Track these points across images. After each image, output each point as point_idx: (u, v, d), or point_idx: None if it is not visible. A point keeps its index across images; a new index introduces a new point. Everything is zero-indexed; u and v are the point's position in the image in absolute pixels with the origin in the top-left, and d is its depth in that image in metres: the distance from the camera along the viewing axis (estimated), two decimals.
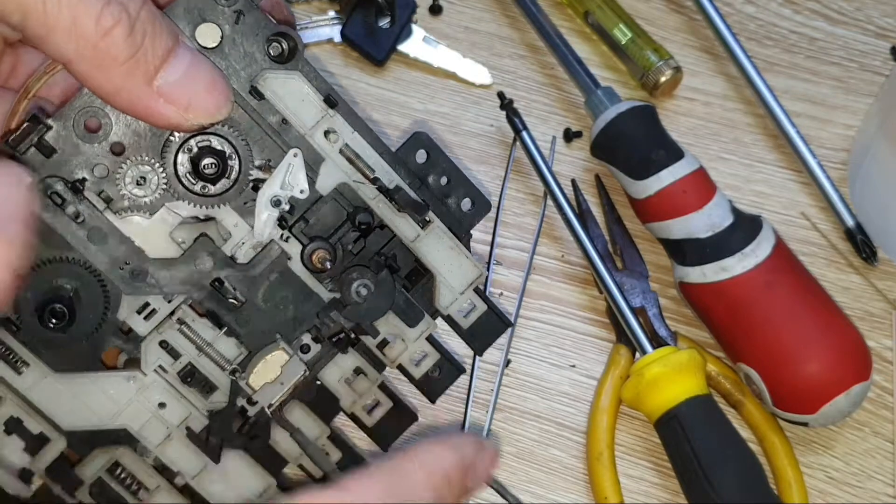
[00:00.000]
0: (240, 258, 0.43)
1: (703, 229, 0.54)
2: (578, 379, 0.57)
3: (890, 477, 0.54)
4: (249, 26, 0.40)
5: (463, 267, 0.46)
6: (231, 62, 0.41)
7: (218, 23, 0.40)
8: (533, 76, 0.65)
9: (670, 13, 0.67)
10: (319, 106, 0.42)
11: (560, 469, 0.55)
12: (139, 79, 0.36)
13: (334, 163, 0.43)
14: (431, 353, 0.47)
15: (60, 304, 0.40)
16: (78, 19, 0.34)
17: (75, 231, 0.41)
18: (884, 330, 0.58)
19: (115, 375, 0.43)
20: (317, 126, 0.42)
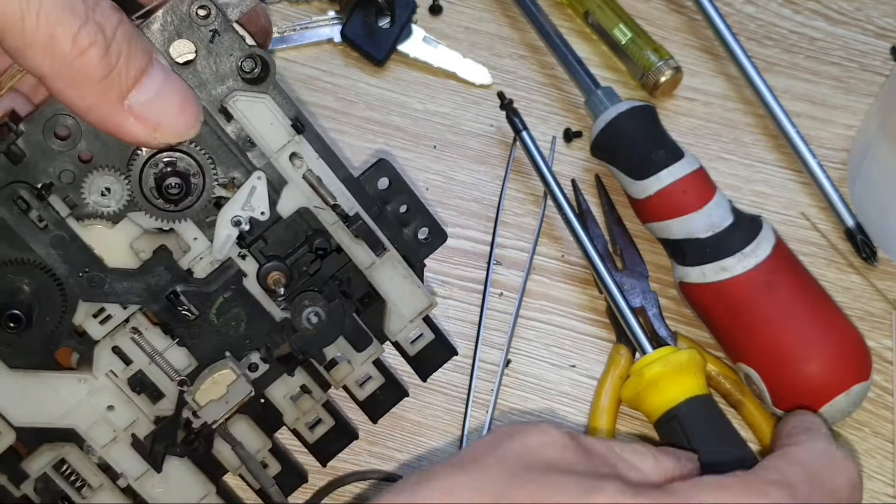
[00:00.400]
0: (197, 272, 0.44)
1: (703, 229, 0.54)
2: (578, 379, 0.57)
3: (890, 477, 0.54)
4: (224, 46, 0.40)
5: (414, 296, 0.47)
6: (203, 79, 0.41)
7: (193, 40, 0.40)
8: (533, 76, 0.65)
9: (670, 13, 0.67)
10: (287, 130, 0.42)
11: None
12: (111, 97, 0.37)
13: (297, 187, 0.43)
14: (377, 375, 0.49)
15: (18, 310, 0.41)
16: (55, 37, 0.34)
17: (37, 236, 0.41)
18: (884, 330, 0.58)
19: (67, 376, 0.44)
20: (283, 150, 0.43)
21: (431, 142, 0.63)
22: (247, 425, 0.47)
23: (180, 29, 0.40)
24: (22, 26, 0.34)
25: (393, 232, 0.46)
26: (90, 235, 0.42)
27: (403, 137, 0.63)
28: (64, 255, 0.42)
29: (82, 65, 0.35)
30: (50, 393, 0.43)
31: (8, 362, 0.42)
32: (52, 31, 0.34)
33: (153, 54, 0.38)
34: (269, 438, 0.48)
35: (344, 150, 0.62)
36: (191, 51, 0.40)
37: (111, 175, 0.41)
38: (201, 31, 0.40)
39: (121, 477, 0.46)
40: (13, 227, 0.41)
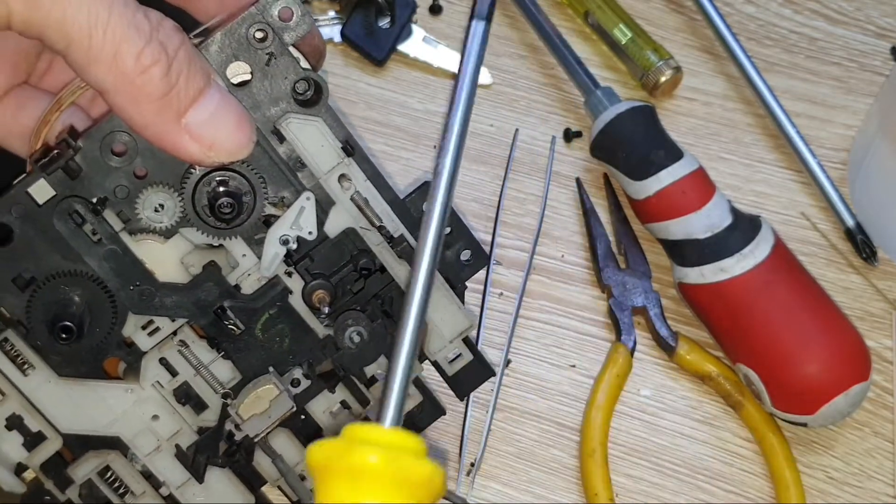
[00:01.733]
0: (244, 288, 0.44)
1: (702, 230, 0.54)
2: (578, 379, 0.57)
3: (890, 477, 0.54)
4: (279, 69, 0.41)
5: (455, 317, 0.47)
6: (257, 100, 0.41)
7: (249, 62, 0.41)
8: (533, 76, 0.65)
9: (670, 13, 0.67)
10: (337, 152, 0.43)
11: (560, 469, 0.55)
12: (169, 115, 0.37)
13: (344, 208, 0.44)
14: (415, 394, 0.49)
15: (71, 322, 0.41)
16: (119, 54, 0.35)
17: (91, 249, 0.42)
18: (884, 330, 0.58)
19: (115, 386, 0.44)
20: (332, 171, 0.43)
21: (431, 142, 0.63)
22: (287, 438, 0.48)
23: (237, 51, 0.40)
24: (89, 42, 0.35)
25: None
26: (142, 250, 0.43)
27: (403, 137, 0.63)
28: (116, 269, 0.42)
29: (144, 82, 0.36)
30: (97, 401, 0.44)
31: (57, 370, 0.43)
32: (118, 49, 0.35)
33: (211, 75, 0.39)
34: None
35: None
36: (246, 71, 0.41)
37: (165, 192, 0.42)
38: (258, 53, 0.40)
39: (163, 485, 0.46)
40: (68, 240, 0.41)
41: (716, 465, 0.55)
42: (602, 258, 0.58)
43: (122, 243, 0.42)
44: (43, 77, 0.45)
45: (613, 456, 0.55)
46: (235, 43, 0.40)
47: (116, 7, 0.35)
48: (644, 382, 0.57)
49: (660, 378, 0.57)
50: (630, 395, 0.56)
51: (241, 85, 0.41)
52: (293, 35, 0.41)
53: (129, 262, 0.42)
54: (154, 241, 0.43)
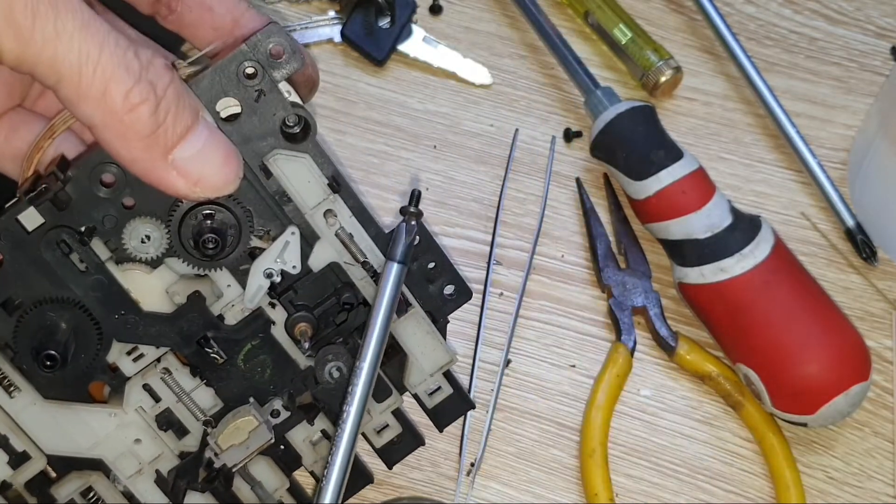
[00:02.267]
0: (228, 318, 0.45)
1: (702, 230, 0.54)
2: (578, 379, 0.57)
3: (890, 477, 0.54)
4: (268, 105, 0.41)
5: (436, 352, 0.48)
6: (246, 135, 0.41)
7: (238, 98, 0.41)
8: (533, 76, 0.65)
9: (670, 13, 0.67)
10: (322, 189, 0.43)
11: (560, 469, 0.55)
12: (157, 152, 0.38)
13: (329, 242, 0.44)
14: (394, 424, 0.50)
15: (55, 350, 0.42)
16: (108, 92, 0.36)
17: (78, 278, 0.42)
18: (884, 330, 0.58)
19: (99, 410, 0.45)
20: (318, 207, 0.43)
21: (431, 142, 0.63)
22: (267, 465, 0.48)
23: (227, 87, 0.40)
24: (79, 80, 0.35)
25: (419, 288, 0.47)
26: (128, 279, 0.43)
27: (403, 137, 0.63)
28: (102, 298, 0.43)
29: (132, 120, 0.36)
30: (81, 424, 0.45)
31: (43, 393, 0.44)
32: (107, 87, 0.36)
33: (200, 112, 0.39)
34: (288, 478, 0.49)
35: (344, 151, 0.62)
36: (236, 104, 0.41)
37: (152, 223, 0.42)
38: (247, 90, 0.41)
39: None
40: (55, 268, 0.42)
41: (716, 465, 0.55)
42: (602, 258, 0.58)
43: (108, 273, 0.42)
44: (37, 101, 0.46)
45: (613, 456, 0.55)
46: (226, 79, 0.40)
47: (108, 46, 0.35)
48: (644, 382, 0.57)
49: (660, 378, 0.57)
50: (630, 395, 0.56)
51: (230, 119, 0.41)
52: (283, 72, 0.41)
53: (115, 292, 0.43)
54: (140, 271, 0.43)
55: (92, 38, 0.35)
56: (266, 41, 0.40)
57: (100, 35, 0.35)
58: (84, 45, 0.35)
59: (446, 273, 0.47)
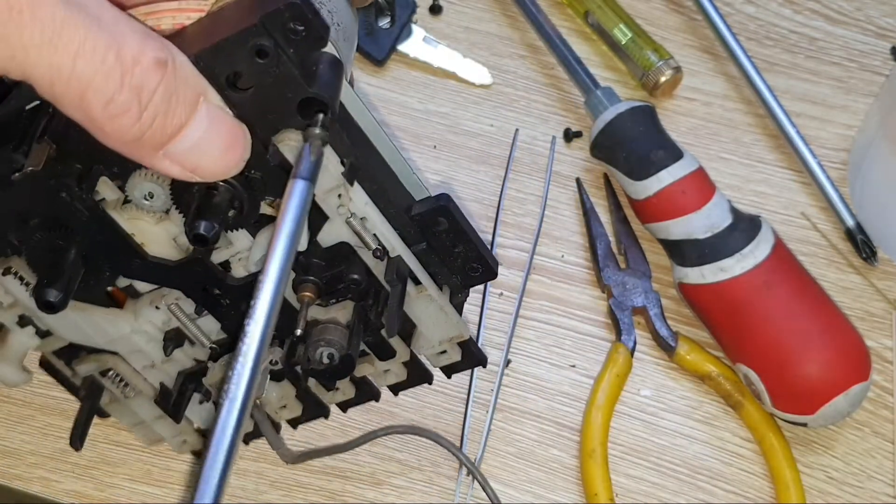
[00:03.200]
0: (234, 269, 0.43)
1: (702, 230, 0.54)
2: (578, 379, 0.57)
3: (890, 477, 0.54)
4: (284, 85, 0.37)
5: (447, 325, 0.46)
6: (260, 109, 0.38)
7: (251, 75, 0.37)
8: (533, 76, 0.65)
9: (670, 13, 0.67)
10: (336, 176, 0.40)
11: (560, 469, 0.55)
12: (145, 150, 0.36)
13: (339, 225, 0.42)
14: (399, 370, 0.49)
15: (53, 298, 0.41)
16: (85, 101, 0.33)
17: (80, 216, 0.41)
18: (884, 330, 0.58)
19: (114, 313, 0.45)
20: (330, 192, 0.41)
21: (431, 142, 0.63)
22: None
23: (238, 62, 0.37)
24: (52, 90, 0.33)
25: (438, 266, 0.45)
26: (133, 225, 0.42)
27: (403, 137, 0.63)
28: (104, 239, 0.42)
29: (113, 129, 0.34)
30: (99, 323, 0.46)
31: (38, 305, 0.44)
32: (83, 95, 0.33)
33: (199, 101, 0.36)
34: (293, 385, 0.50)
35: None
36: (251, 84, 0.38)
37: (154, 182, 0.40)
38: (261, 68, 0.36)
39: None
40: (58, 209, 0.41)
41: (716, 465, 0.55)
42: (602, 258, 0.58)
43: (107, 216, 0.41)
44: None
45: (613, 456, 0.55)
46: (236, 54, 0.36)
47: (84, 53, 0.32)
48: (644, 382, 0.57)
49: (660, 378, 0.57)
50: (630, 395, 0.56)
51: (247, 89, 0.37)
52: (303, 49, 0.36)
53: (118, 235, 0.42)
54: (146, 220, 0.42)
55: (64, 48, 0.32)
56: (286, 19, 0.35)
57: (74, 44, 0.32)
58: (55, 57, 0.32)
59: (472, 253, 0.45)
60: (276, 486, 0.54)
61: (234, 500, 0.54)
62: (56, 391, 0.56)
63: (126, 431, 0.54)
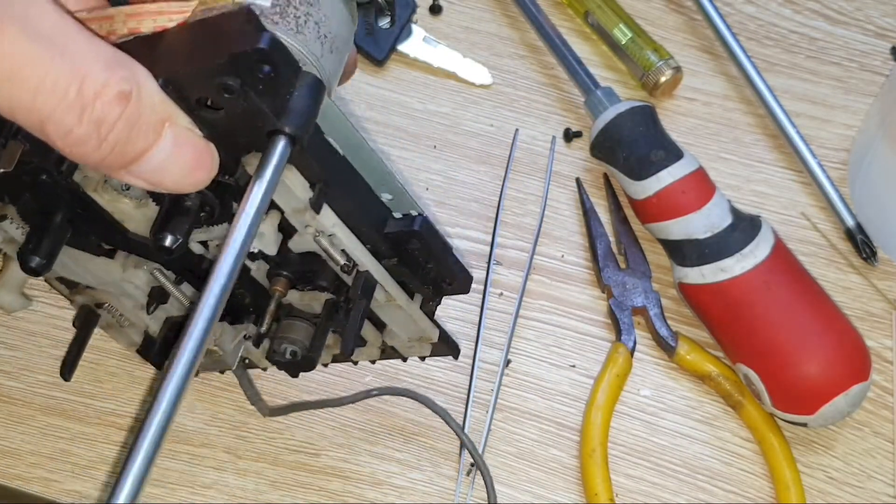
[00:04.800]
0: (211, 248, 0.44)
1: (702, 230, 0.54)
2: (578, 379, 0.57)
3: (890, 477, 0.54)
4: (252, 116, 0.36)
5: (417, 328, 0.48)
6: (229, 130, 0.37)
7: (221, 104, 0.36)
8: (533, 76, 0.65)
9: (670, 13, 0.67)
10: (303, 201, 0.40)
11: (560, 469, 0.55)
12: (108, 169, 0.36)
13: (308, 239, 0.43)
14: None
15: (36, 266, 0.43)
16: (45, 131, 0.33)
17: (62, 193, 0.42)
18: (884, 330, 0.58)
19: (102, 262, 0.47)
20: (296, 212, 0.41)
21: (431, 142, 0.63)
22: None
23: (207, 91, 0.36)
24: (12, 115, 0.33)
25: (410, 277, 0.46)
26: (114, 207, 0.43)
27: (403, 137, 0.63)
28: (84, 214, 0.43)
29: (73, 155, 0.34)
30: (90, 268, 0.47)
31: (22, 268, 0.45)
32: (43, 126, 0.33)
33: (165, 125, 0.36)
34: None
35: None
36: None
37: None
38: (228, 100, 0.36)
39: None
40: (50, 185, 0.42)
41: (716, 465, 0.55)
42: (602, 258, 0.59)
43: (84, 195, 0.42)
44: None
45: (613, 456, 0.55)
46: (204, 83, 0.35)
47: (44, 89, 0.32)
48: (644, 382, 0.57)
49: (660, 378, 0.57)
50: (630, 395, 0.56)
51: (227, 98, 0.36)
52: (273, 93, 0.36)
53: (95, 211, 0.42)
54: (126, 204, 0.43)
55: (24, 83, 0.32)
56: (253, 62, 0.34)
57: (34, 79, 0.32)
58: (14, 91, 0.32)
59: (445, 270, 0.46)
60: (276, 487, 0.54)
61: (234, 499, 0.54)
62: (56, 391, 0.56)
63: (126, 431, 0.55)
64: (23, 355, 0.57)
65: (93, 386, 0.56)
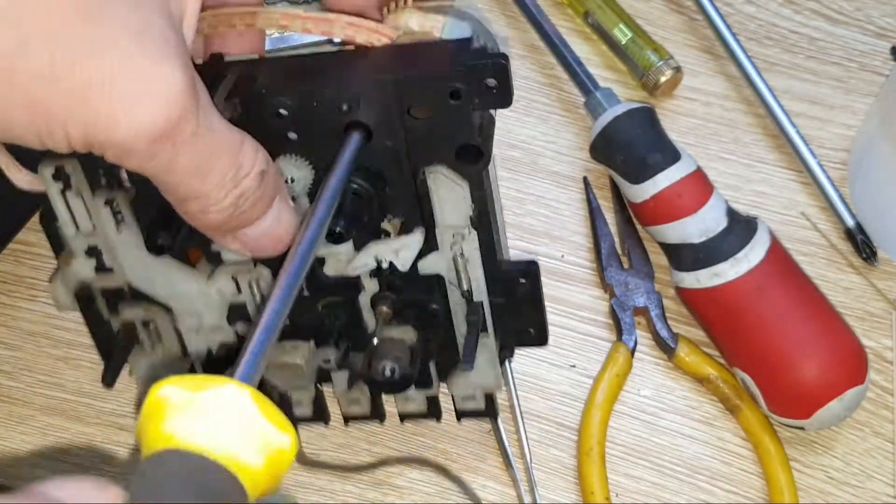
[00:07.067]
0: (328, 264, 0.46)
1: (697, 234, 0.54)
2: (578, 379, 0.57)
3: (890, 477, 0.54)
4: (455, 124, 0.40)
5: (489, 375, 0.50)
6: (420, 135, 0.41)
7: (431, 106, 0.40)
8: (533, 76, 0.65)
9: (670, 13, 0.67)
10: (464, 218, 0.44)
11: (560, 469, 0.55)
12: (218, 231, 0.39)
13: (444, 258, 0.45)
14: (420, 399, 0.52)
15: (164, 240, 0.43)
16: (186, 204, 0.36)
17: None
18: (884, 330, 0.58)
19: (187, 272, 0.47)
20: (451, 228, 0.44)
21: None
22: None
23: (426, 98, 0.40)
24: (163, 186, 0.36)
25: (503, 322, 0.48)
26: None
27: None
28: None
29: (198, 221, 0.37)
30: (166, 275, 0.47)
31: (147, 244, 0.45)
32: (186, 201, 0.36)
33: (277, 197, 0.39)
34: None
35: None
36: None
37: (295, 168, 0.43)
38: (445, 106, 0.40)
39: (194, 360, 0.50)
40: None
41: (715, 465, 0.55)
42: (606, 258, 0.59)
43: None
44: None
45: (613, 456, 0.55)
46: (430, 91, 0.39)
47: (213, 177, 0.35)
48: (644, 382, 0.57)
49: (660, 378, 0.57)
50: (630, 395, 0.56)
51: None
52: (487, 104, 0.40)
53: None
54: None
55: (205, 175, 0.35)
56: (487, 73, 0.38)
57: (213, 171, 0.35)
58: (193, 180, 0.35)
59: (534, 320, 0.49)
60: None
61: None
62: (56, 391, 0.56)
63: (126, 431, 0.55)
64: (23, 355, 0.57)
65: (93, 386, 0.56)
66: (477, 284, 0.46)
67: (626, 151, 0.56)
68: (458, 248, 0.45)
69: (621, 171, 0.57)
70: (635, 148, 0.56)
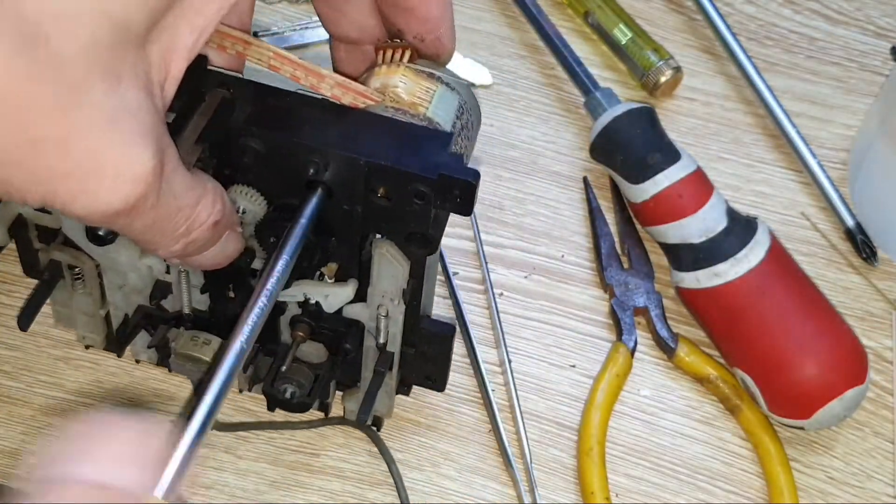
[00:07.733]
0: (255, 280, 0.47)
1: (697, 234, 0.54)
2: (578, 379, 0.57)
3: (890, 477, 0.54)
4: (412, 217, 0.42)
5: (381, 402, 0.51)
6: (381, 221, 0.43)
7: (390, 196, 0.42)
8: (533, 76, 0.65)
9: (670, 13, 0.67)
10: (395, 294, 0.45)
11: (560, 469, 0.55)
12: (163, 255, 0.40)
13: (369, 311, 0.47)
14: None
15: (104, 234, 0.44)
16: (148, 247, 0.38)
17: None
18: (884, 330, 0.58)
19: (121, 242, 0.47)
20: (385, 293, 0.45)
21: None
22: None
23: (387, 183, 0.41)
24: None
25: (409, 365, 0.50)
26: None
27: None
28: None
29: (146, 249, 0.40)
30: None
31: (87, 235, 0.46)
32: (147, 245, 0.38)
33: (227, 232, 0.40)
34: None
35: None
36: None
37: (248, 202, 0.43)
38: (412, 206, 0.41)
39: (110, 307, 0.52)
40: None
41: (715, 465, 0.55)
42: (606, 258, 0.59)
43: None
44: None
45: (613, 456, 0.55)
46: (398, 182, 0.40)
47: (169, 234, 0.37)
48: (644, 382, 0.57)
49: (660, 378, 0.57)
50: (630, 395, 0.56)
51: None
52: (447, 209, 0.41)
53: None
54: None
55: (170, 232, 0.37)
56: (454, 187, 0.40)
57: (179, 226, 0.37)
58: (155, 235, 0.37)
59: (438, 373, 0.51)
60: (276, 486, 0.54)
61: (234, 500, 0.54)
62: (56, 391, 0.56)
63: None
64: (23, 355, 0.57)
65: (93, 386, 0.56)
66: (393, 339, 0.48)
67: (626, 151, 0.56)
68: (385, 309, 0.46)
69: (621, 171, 0.57)
70: (635, 148, 0.56)
